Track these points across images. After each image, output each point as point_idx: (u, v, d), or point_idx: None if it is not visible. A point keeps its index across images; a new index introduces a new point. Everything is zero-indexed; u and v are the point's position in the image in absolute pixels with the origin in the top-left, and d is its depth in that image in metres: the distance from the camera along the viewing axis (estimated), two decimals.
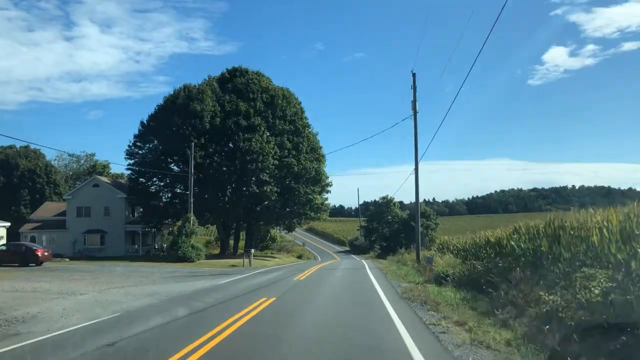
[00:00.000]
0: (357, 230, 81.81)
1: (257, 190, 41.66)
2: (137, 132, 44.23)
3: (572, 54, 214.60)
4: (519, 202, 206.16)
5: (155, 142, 43.20)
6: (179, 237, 37.89)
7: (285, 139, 44.12)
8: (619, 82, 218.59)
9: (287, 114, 45.36)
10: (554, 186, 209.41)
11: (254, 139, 41.14)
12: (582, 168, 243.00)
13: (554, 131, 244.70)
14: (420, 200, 69.16)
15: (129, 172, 45.62)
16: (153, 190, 44.78)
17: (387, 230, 65.94)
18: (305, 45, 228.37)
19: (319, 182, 47.19)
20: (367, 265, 35.31)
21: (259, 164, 40.97)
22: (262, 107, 43.54)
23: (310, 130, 48.11)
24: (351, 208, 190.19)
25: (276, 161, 42.36)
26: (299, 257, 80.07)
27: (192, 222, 38.41)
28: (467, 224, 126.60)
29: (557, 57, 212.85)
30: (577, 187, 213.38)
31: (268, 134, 42.66)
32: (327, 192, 50.20)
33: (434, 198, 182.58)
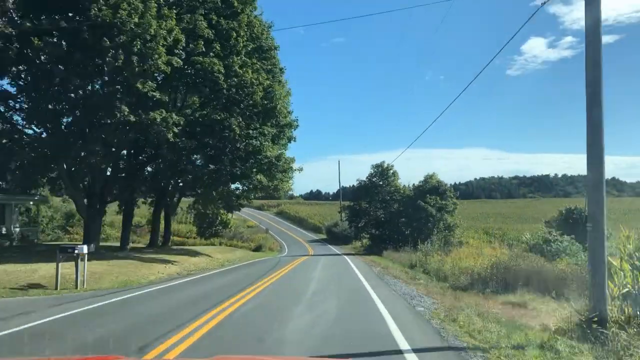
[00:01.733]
0: (338, 212, 59.26)
1: (134, 119, 18.73)
2: None
3: (551, 45, 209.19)
4: (501, 189, 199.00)
5: None
6: None
7: (201, 17, 21.10)
8: None
9: None
10: (534, 174, 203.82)
11: (124, 5, 18.27)
12: (556, 159, 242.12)
13: (530, 122, 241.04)
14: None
15: None
16: None
17: (382, 212, 43.83)
18: (285, 29, 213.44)
19: (273, 114, 24.38)
20: (375, 297, 12.75)
21: (136, 61, 18.20)
22: None
23: (255, 15, 24.95)
24: (329, 193, 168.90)
25: (178, 59, 19.64)
26: (257, 249, 57.02)
27: None
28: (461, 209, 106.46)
29: (536, 47, 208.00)
30: (559, 176, 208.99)
31: (162, 1, 19.78)
32: (291, 139, 27.69)
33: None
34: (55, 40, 18.38)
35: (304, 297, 11.61)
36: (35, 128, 21.06)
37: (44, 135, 20.94)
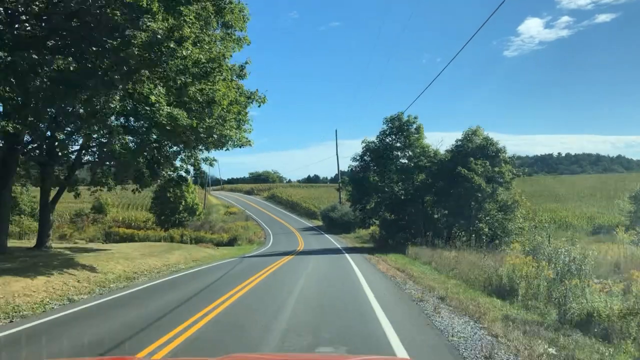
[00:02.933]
0: (337, 190, 44.09)
1: None
2: None
3: (547, 26, 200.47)
4: None
5: None
6: None
7: None
8: (591, 54, 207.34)
9: None
10: (536, 154, 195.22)
11: None
12: (554, 139, 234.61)
13: (527, 103, 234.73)
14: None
15: None
16: None
17: (401, 187, 29.33)
18: (281, 14, 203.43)
19: None
20: None
21: None
22: None
23: None
24: (327, 178, 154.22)
25: None
26: (230, 242, 42.77)
27: None
28: None
29: (533, 28, 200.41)
30: (562, 155, 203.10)
31: None
32: (225, 10, 12.83)
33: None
34: None
35: None
36: None
37: None
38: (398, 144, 29.18)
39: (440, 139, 61.88)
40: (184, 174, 20.42)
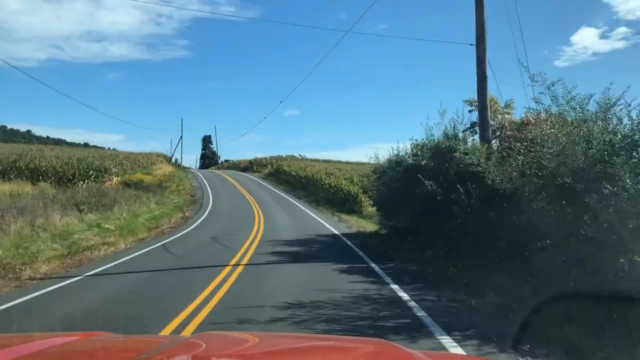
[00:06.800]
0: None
1: None
2: None
3: (603, 36, 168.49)
4: None
5: None
6: None
7: None
8: None
9: None
10: None
11: None
12: None
13: None
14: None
15: None
16: None
17: None
18: (326, 12, 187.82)
19: None
20: None
21: None
22: None
23: None
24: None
25: None
26: None
27: None
28: None
29: (587, 38, 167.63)
30: None
31: None
32: None
33: None
34: None
35: None
36: None
37: None
38: None
39: None
40: None
